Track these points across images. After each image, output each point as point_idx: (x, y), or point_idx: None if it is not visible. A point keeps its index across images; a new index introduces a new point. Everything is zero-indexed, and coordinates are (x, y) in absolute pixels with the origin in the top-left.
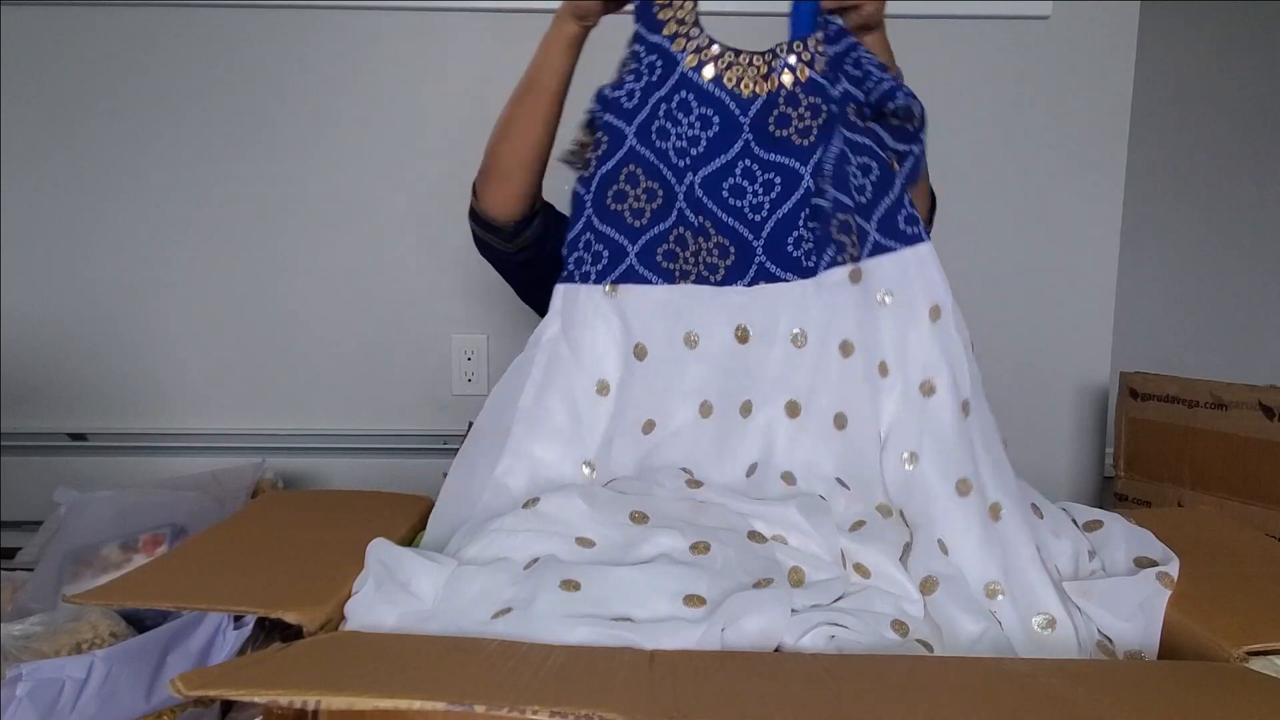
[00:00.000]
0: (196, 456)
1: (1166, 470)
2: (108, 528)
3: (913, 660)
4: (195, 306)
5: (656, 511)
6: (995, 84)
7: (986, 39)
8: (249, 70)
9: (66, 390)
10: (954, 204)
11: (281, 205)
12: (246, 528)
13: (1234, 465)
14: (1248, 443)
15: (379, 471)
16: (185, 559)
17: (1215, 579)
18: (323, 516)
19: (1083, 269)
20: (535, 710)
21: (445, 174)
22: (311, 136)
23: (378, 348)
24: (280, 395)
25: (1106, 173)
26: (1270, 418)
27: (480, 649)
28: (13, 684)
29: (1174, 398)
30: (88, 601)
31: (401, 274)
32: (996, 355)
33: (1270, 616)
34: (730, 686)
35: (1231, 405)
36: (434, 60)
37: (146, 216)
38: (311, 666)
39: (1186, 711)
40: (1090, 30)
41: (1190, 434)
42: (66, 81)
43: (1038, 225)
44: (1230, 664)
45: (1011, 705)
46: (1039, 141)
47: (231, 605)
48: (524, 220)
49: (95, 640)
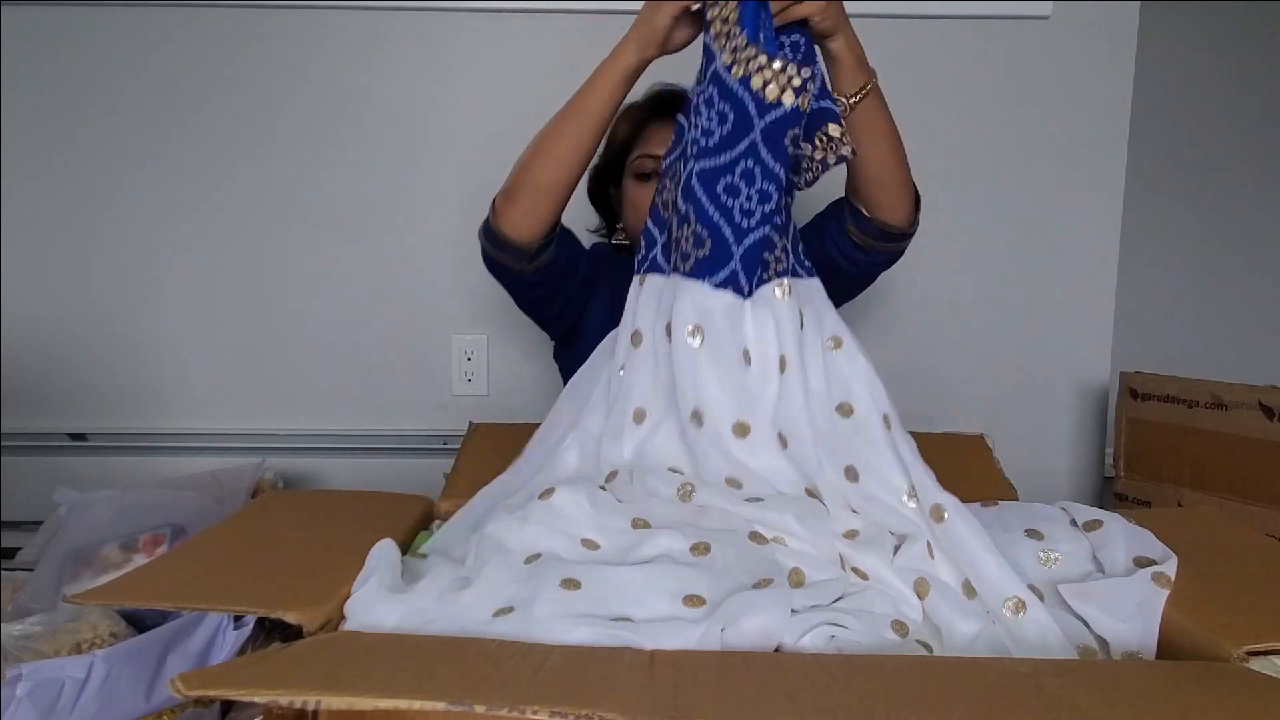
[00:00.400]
0: (196, 456)
1: (1166, 470)
2: (108, 528)
3: (913, 660)
4: (195, 306)
5: (658, 518)
6: (995, 84)
7: (986, 39)
8: (248, 70)
9: (66, 390)
10: (954, 204)
11: (281, 205)
12: (246, 528)
13: (1234, 465)
14: (1248, 443)
15: (379, 471)
16: (185, 559)
17: (1215, 579)
18: (323, 516)
19: (1083, 269)
20: (535, 710)
21: (446, 174)
22: (311, 137)
23: (378, 348)
24: (280, 395)
25: (1106, 173)
26: (1270, 418)
27: (480, 649)
28: (13, 684)
29: (1174, 398)
30: (88, 601)
31: (401, 274)
32: (996, 355)
33: (1270, 616)
34: (730, 686)
35: (1231, 405)
36: (435, 61)
37: (147, 217)
38: (311, 666)
39: (1186, 711)
40: (1090, 30)
41: (1190, 434)
42: (66, 81)
43: (1038, 225)
44: (1230, 664)
45: (1012, 705)
46: (1039, 141)
47: (231, 605)
48: (545, 243)
49: (95, 640)
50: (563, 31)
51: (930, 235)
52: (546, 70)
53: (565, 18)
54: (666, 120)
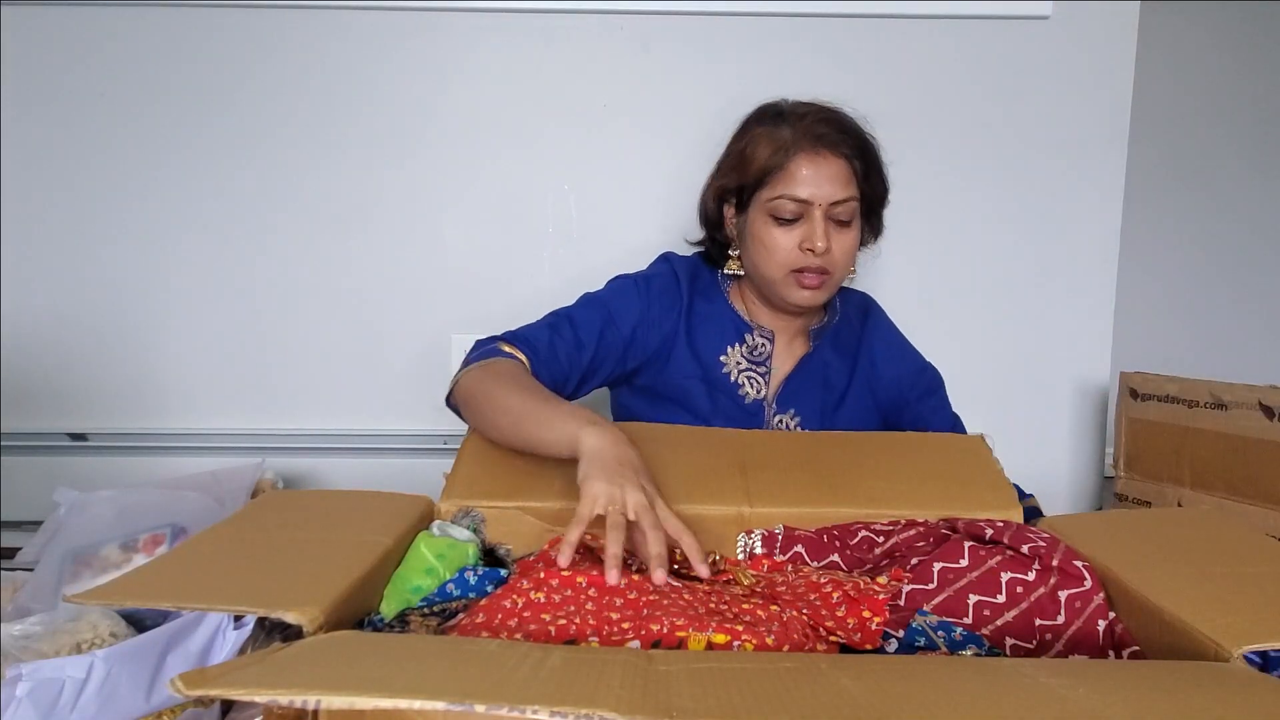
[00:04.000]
0: (196, 456)
1: (1166, 470)
2: (108, 528)
3: (913, 660)
4: (195, 306)
5: None
6: (995, 84)
7: (986, 39)
8: (248, 70)
9: (66, 390)
10: (954, 204)
11: (281, 205)
12: (246, 528)
13: (1234, 465)
14: (1248, 443)
15: (379, 471)
16: (185, 559)
17: (1215, 579)
18: (323, 516)
19: (1083, 269)
20: (535, 710)
21: (446, 174)
22: (311, 136)
23: (378, 348)
24: (280, 395)
25: (1106, 173)
26: (1270, 418)
27: (480, 649)
28: (13, 684)
29: (1174, 398)
30: (88, 601)
31: (401, 274)
32: (997, 355)
33: (1270, 616)
34: (730, 686)
35: (1231, 405)
36: (436, 60)
37: (146, 216)
38: (311, 666)
39: (1186, 711)
40: (1090, 30)
41: (1190, 434)
42: (67, 81)
43: (1038, 225)
44: (1230, 664)
45: (1012, 705)
46: (1039, 141)
47: (231, 605)
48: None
49: (95, 640)
50: (563, 31)
51: (930, 235)
52: (547, 70)
53: (565, 18)
54: (819, 154)
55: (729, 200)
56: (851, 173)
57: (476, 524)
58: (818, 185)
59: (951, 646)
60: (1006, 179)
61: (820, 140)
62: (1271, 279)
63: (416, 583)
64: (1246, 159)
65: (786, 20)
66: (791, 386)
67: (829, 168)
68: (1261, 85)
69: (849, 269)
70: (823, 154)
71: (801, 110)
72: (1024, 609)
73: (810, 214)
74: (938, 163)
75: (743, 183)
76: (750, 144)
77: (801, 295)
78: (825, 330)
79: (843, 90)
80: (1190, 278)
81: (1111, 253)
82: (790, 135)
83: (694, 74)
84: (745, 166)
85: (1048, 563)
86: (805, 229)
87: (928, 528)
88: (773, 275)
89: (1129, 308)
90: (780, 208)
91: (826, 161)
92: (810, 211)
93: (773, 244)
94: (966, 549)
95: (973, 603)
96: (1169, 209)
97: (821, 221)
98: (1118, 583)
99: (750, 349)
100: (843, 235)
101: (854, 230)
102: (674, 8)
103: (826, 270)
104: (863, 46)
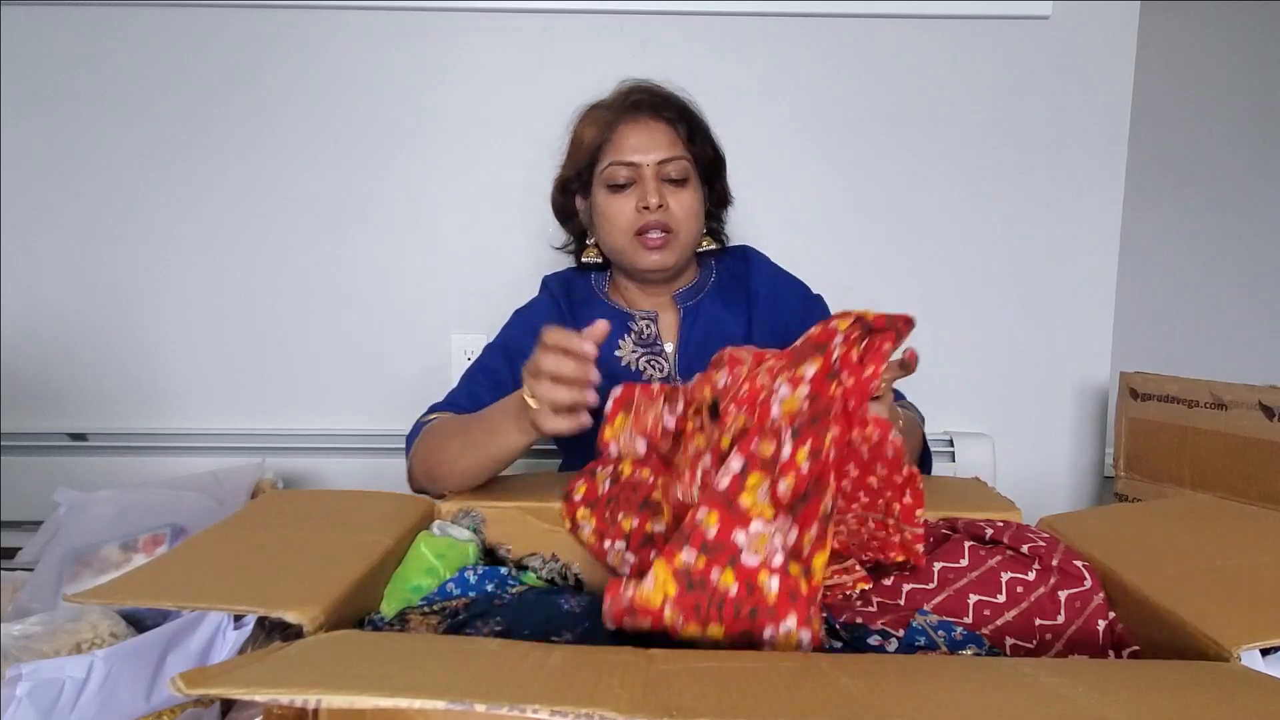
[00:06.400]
0: (196, 456)
1: (1166, 470)
2: (108, 528)
3: (913, 660)
4: (195, 306)
5: None
6: (995, 84)
7: (986, 39)
8: (248, 70)
9: (66, 390)
10: (953, 204)
11: (281, 205)
12: (246, 528)
13: (1234, 465)
14: (1248, 443)
15: (379, 471)
16: (185, 559)
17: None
18: (323, 516)
19: (1083, 269)
20: (535, 709)
21: (445, 174)
22: (311, 136)
23: (378, 348)
24: (280, 395)
25: (1106, 173)
26: (1270, 418)
27: (480, 649)
28: (13, 684)
29: (1174, 398)
30: (88, 601)
31: (401, 274)
32: (997, 355)
33: (1270, 615)
34: (730, 686)
35: (1231, 405)
36: (436, 60)
37: (147, 216)
38: (311, 666)
39: (1186, 711)
40: (1090, 30)
41: (1190, 434)
42: (67, 81)
43: (1038, 225)
44: (1230, 664)
45: (1012, 704)
46: (1039, 141)
47: (231, 605)
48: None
49: (95, 640)
50: (563, 31)
51: (930, 235)
52: (546, 70)
53: (565, 18)
54: (639, 120)
55: (573, 188)
56: (675, 135)
57: (476, 524)
58: (643, 149)
59: (952, 646)
60: (1006, 179)
61: (638, 107)
62: (1271, 279)
63: (417, 582)
64: (1246, 159)
65: (786, 20)
66: (689, 353)
67: (650, 131)
68: (1261, 85)
69: (696, 231)
70: (642, 119)
71: (621, 90)
72: (1024, 609)
73: (641, 174)
74: (937, 162)
75: (579, 167)
76: (579, 130)
77: (650, 258)
78: (698, 291)
79: (843, 90)
80: (1190, 278)
81: (1111, 253)
82: (612, 111)
83: (694, 74)
84: (578, 151)
85: (1048, 562)
86: (639, 190)
87: (928, 527)
88: (620, 244)
89: (1129, 308)
90: (613, 174)
91: (648, 125)
92: (640, 173)
93: (613, 212)
94: (966, 549)
95: (973, 602)
96: (1169, 209)
97: (653, 180)
98: (1117, 582)
99: (639, 335)
100: (680, 194)
101: (691, 190)
102: (674, 8)
103: (669, 228)
104: (863, 46)
